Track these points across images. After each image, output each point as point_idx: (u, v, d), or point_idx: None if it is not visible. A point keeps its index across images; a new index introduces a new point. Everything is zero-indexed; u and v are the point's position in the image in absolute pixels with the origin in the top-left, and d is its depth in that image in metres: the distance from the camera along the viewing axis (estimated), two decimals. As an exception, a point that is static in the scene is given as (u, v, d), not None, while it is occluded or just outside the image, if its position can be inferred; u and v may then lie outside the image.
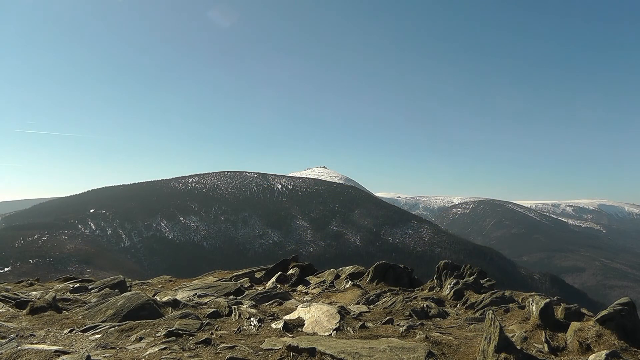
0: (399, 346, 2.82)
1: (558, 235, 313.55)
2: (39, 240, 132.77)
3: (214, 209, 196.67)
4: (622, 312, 3.10)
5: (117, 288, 6.56)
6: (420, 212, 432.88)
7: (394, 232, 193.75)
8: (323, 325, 3.63)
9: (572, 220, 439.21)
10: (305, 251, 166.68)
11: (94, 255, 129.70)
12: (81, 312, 4.39)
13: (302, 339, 3.01)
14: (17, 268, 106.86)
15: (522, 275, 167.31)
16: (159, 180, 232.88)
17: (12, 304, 4.74)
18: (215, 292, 6.15)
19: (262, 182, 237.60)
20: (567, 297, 11.05)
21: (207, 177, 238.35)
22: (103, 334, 3.56)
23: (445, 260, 7.13)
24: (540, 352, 2.93)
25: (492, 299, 4.81)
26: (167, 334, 3.41)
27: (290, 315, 4.01)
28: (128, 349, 3.11)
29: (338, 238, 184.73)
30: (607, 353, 2.72)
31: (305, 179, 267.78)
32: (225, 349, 3.03)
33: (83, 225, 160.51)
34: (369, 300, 5.30)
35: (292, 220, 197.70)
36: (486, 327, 2.78)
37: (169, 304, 4.68)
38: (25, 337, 3.46)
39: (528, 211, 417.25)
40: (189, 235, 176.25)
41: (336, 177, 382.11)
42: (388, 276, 6.93)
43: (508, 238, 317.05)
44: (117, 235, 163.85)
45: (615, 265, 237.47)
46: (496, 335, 2.66)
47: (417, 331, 3.44)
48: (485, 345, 2.71)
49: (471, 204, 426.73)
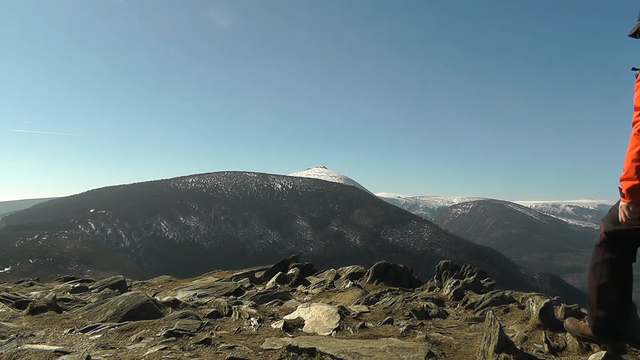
0: (399, 346, 2.82)
1: (558, 235, 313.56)
2: (39, 240, 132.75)
3: (214, 209, 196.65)
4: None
5: (117, 288, 6.55)
6: (420, 212, 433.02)
7: (394, 232, 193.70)
8: (323, 325, 3.62)
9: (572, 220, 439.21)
10: (305, 251, 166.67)
11: (94, 255, 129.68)
12: (81, 312, 4.39)
13: (302, 339, 3.01)
14: (17, 268, 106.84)
15: (522, 275, 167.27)
16: (159, 180, 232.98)
17: (12, 304, 4.74)
18: (215, 292, 6.14)
19: (262, 182, 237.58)
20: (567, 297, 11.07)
21: (207, 177, 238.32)
22: (103, 334, 3.56)
23: (445, 260, 7.13)
24: (540, 352, 2.92)
25: (492, 299, 4.80)
26: (167, 334, 3.40)
27: (290, 315, 4.01)
28: (128, 349, 3.10)
29: (338, 238, 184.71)
30: (607, 353, 2.71)
31: (305, 179, 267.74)
32: (225, 349, 3.02)
33: (83, 225, 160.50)
34: (369, 300, 5.29)
35: (292, 220, 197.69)
36: (486, 327, 2.78)
37: (169, 304, 4.67)
38: (25, 337, 3.46)
39: (528, 211, 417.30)
40: (189, 235, 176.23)
41: (336, 177, 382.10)
42: (388, 276, 6.93)
43: (508, 238, 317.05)
44: (117, 235, 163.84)
45: None
46: (496, 335, 2.66)
47: (417, 331, 3.44)
48: (485, 345, 2.70)
49: (471, 204, 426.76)
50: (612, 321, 2.46)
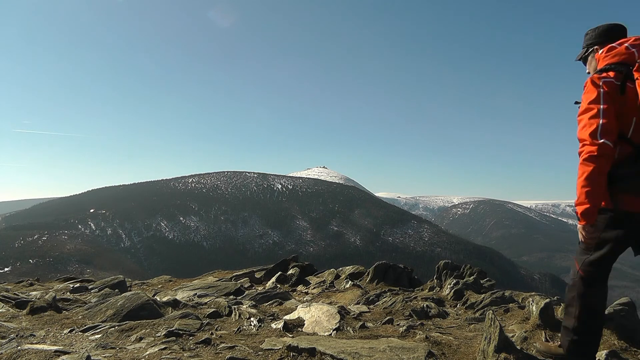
0: (399, 346, 2.82)
1: (558, 235, 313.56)
2: (39, 240, 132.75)
3: (214, 209, 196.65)
4: (622, 312, 3.10)
5: (117, 288, 6.55)
6: (420, 212, 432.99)
7: (394, 232, 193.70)
8: (323, 325, 3.62)
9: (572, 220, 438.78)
10: (305, 251, 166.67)
11: (94, 255, 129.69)
12: (81, 312, 4.39)
13: (302, 339, 3.00)
14: (17, 268, 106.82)
15: (522, 275, 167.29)
16: (159, 180, 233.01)
17: (12, 304, 4.74)
18: (215, 292, 6.14)
19: (262, 182, 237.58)
20: (567, 297, 11.04)
21: (207, 177, 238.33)
22: (103, 334, 3.56)
23: (445, 260, 7.13)
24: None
25: (492, 299, 4.80)
26: (167, 334, 3.40)
27: (290, 315, 4.01)
28: (128, 349, 3.10)
29: (338, 238, 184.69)
30: (607, 353, 2.72)
31: (305, 179, 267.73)
32: (225, 349, 3.02)
33: (83, 225, 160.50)
34: (369, 300, 5.29)
35: (292, 220, 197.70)
36: (486, 327, 2.78)
37: (169, 304, 4.67)
38: (25, 337, 3.46)
39: (528, 211, 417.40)
40: (189, 235, 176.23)
41: (336, 177, 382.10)
42: (388, 276, 6.92)
43: (508, 238, 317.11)
44: (117, 235, 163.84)
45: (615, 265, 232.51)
46: (496, 335, 2.66)
47: (417, 331, 3.44)
48: (485, 345, 2.70)
49: (471, 204, 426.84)
50: (591, 347, 2.62)
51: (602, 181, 2.38)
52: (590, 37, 2.76)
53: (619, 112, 2.44)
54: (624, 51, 2.50)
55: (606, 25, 2.72)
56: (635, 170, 2.40)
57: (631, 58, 2.48)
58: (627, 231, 2.47)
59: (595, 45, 2.72)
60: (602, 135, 2.36)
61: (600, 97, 2.44)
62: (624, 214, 2.43)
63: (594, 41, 2.73)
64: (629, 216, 2.43)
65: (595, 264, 2.58)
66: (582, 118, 2.48)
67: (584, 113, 2.48)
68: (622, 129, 2.44)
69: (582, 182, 2.38)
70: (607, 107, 2.41)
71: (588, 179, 2.37)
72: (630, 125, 2.44)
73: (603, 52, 2.61)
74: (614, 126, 2.40)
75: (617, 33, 2.67)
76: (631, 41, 2.52)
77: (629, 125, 2.44)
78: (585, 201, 2.38)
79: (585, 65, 2.82)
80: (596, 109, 2.42)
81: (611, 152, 2.36)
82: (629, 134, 2.44)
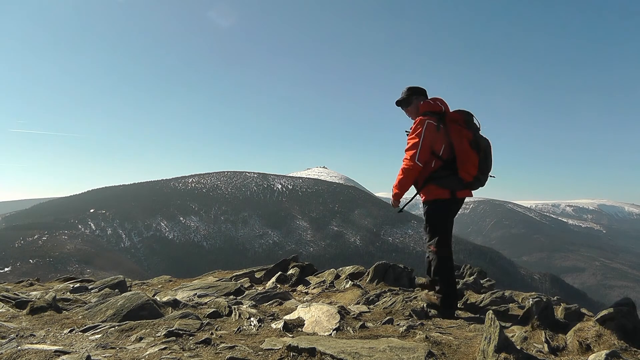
0: (399, 346, 2.82)
1: (558, 235, 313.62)
2: (39, 240, 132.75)
3: (214, 209, 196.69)
4: (622, 312, 3.10)
5: (117, 288, 6.55)
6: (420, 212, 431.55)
7: (394, 232, 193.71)
8: (323, 325, 3.62)
9: (572, 220, 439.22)
10: (305, 251, 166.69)
11: (94, 255, 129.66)
12: (81, 312, 4.39)
13: (302, 339, 3.00)
14: (17, 268, 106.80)
15: (522, 275, 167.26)
16: (159, 180, 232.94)
17: (12, 304, 4.73)
18: (215, 292, 6.14)
19: (262, 182, 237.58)
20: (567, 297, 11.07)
21: (207, 177, 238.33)
22: (103, 334, 3.56)
23: (445, 260, 7.12)
24: (540, 352, 2.92)
25: (492, 299, 4.80)
26: (167, 334, 3.40)
27: (290, 315, 4.01)
28: (128, 349, 3.10)
29: (338, 238, 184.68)
30: (607, 353, 2.71)
31: (305, 179, 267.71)
32: (225, 349, 3.02)
33: (83, 225, 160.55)
34: (369, 300, 5.29)
35: (292, 220, 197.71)
36: (486, 327, 2.77)
37: (169, 304, 4.67)
38: (25, 337, 3.46)
39: (528, 211, 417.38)
40: (189, 235, 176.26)
41: (336, 177, 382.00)
42: (388, 276, 6.91)
43: (508, 238, 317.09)
44: (117, 235, 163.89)
45: (615, 265, 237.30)
46: (496, 335, 2.66)
47: (417, 331, 3.44)
48: (485, 345, 2.70)
49: (471, 204, 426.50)
50: (455, 298, 4.36)
51: (408, 183, 4.19)
52: (412, 91, 4.47)
53: (434, 141, 4.10)
54: (438, 104, 4.24)
55: (418, 87, 4.50)
56: (444, 174, 4.18)
57: (440, 109, 4.22)
58: (447, 208, 4.34)
59: (415, 95, 4.45)
60: (417, 159, 4.06)
61: (422, 132, 4.06)
62: (441, 200, 4.26)
63: (414, 93, 4.48)
64: (444, 201, 4.26)
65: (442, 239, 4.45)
66: (410, 142, 4.15)
67: (411, 140, 4.15)
68: (436, 150, 4.14)
69: (399, 181, 4.18)
70: (425, 140, 4.06)
71: (401, 181, 4.16)
72: (440, 150, 4.14)
73: (425, 102, 4.30)
74: (427, 153, 4.10)
75: (423, 91, 4.48)
76: (438, 99, 4.30)
77: (440, 149, 4.14)
78: (397, 192, 4.22)
79: (403, 108, 4.56)
80: (418, 139, 4.06)
81: (419, 169, 4.10)
82: (440, 153, 4.16)
